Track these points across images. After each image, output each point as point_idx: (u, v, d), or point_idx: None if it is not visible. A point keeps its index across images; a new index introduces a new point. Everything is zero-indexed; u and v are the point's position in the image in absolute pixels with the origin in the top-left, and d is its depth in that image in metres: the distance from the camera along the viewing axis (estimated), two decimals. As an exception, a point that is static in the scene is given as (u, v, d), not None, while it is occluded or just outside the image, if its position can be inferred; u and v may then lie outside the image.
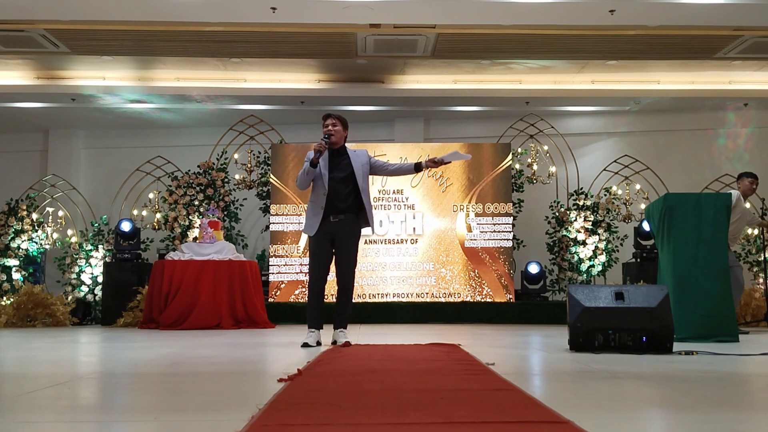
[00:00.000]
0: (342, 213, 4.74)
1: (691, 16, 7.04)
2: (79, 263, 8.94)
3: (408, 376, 3.17)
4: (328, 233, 4.74)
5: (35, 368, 3.72)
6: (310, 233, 4.78)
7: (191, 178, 9.18)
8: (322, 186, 4.74)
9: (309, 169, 4.69)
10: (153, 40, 7.75)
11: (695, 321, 5.22)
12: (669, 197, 5.57)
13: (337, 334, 4.82)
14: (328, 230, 4.73)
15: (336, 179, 4.76)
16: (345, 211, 4.75)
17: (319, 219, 4.71)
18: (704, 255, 5.32)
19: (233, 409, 2.34)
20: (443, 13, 7.05)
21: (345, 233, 4.77)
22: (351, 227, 4.80)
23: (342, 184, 4.76)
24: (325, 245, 4.77)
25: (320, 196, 4.74)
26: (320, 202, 4.73)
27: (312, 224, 4.75)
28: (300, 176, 4.77)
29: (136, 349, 4.92)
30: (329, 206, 4.72)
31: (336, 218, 4.73)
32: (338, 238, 4.77)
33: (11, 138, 10.82)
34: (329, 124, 4.86)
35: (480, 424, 2.00)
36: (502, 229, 8.96)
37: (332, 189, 4.73)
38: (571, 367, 3.61)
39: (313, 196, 4.82)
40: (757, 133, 10.25)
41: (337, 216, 4.73)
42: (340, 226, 4.74)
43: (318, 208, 4.73)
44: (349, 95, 9.39)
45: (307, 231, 4.81)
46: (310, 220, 4.79)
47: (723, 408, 2.47)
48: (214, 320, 7.08)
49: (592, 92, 9.41)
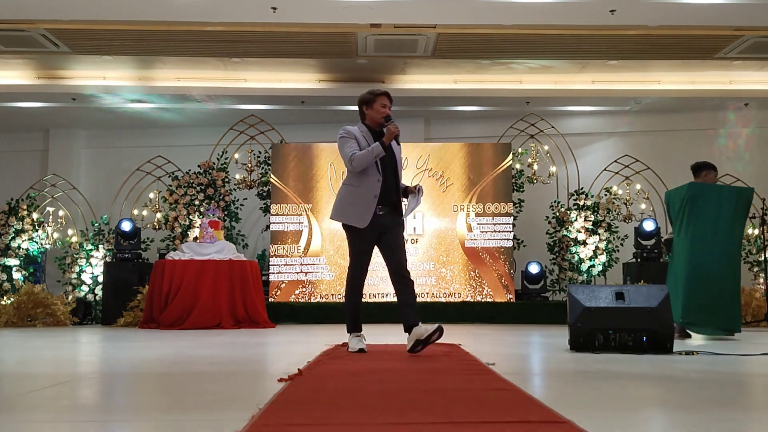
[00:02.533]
0: (389, 205, 4.25)
1: (691, 16, 7.04)
2: (80, 263, 8.94)
3: (408, 376, 3.17)
4: (377, 226, 4.19)
5: (35, 368, 3.72)
6: (360, 225, 4.16)
7: (192, 177, 9.18)
8: (376, 172, 4.18)
9: (380, 151, 4.11)
10: (153, 40, 7.75)
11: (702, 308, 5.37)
12: (693, 186, 5.77)
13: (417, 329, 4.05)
14: (377, 222, 4.18)
15: (388, 166, 4.25)
16: (393, 204, 4.28)
17: (371, 210, 4.15)
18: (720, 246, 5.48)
19: (233, 409, 2.34)
20: (443, 13, 7.05)
21: (393, 224, 4.26)
22: (397, 218, 4.30)
23: (392, 172, 4.27)
24: (371, 241, 4.25)
25: (374, 182, 4.17)
26: (373, 189, 4.16)
27: (361, 215, 4.16)
28: (365, 157, 4.12)
29: (137, 349, 4.93)
30: (382, 196, 4.19)
31: (383, 210, 4.21)
32: (389, 230, 4.25)
33: (11, 138, 10.82)
34: (388, 104, 4.28)
35: (480, 424, 2.00)
36: (503, 229, 8.96)
37: (386, 177, 4.21)
38: (572, 367, 3.61)
39: (357, 181, 4.21)
40: (757, 134, 10.24)
41: (384, 208, 4.22)
42: (388, 218, 4.24)
43: (371, 197, 4.16)
44: (349, 95, 9.37)
45: (356, 222, 4.18)
46: (356, 208, 4.18)
47: (723, 408, 2.47)
48: (214, 320, 7.08)
49: (592, 92, 9.41)
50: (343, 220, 4.26)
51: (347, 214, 4.22)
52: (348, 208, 4.22)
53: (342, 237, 9.19)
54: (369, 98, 4.29)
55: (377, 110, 4.24)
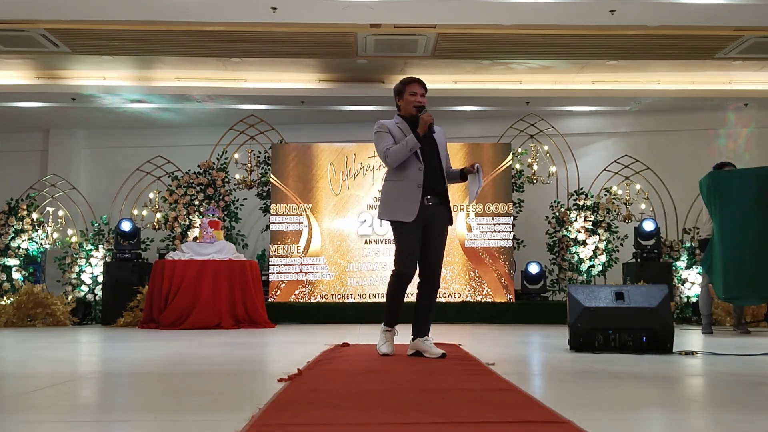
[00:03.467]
0: (437, 195, 3.96)
1: (691, 16, 7.04)
2: (80, 263, 8.94)
3: (408, 376, 3.17)
4: (423, 219, 3.91)
5: (35, 368, 3.72)
6: (406, 219, 3.89)
7: (191, 177, 9.18)
8: (417, 160, 3.92)
9: (415, 143, 3.87)
10: (153, 40, 7.75)
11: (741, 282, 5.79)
12: (712, 174, 6.20)
13: (422, 343, 3.94)
14: (422, 216, 3.90)
15: (429, 155, 3.97)
16: (439, 193, 3.97)
17: (417, 201, 3.87)
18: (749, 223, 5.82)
19: (233, 409, 2.34)
20: (443, 13, 7.05)
21: (439, 220, 3.97)
22: (444, 212, 3.98)
23: (434, 160, 3.98)
24: (418, 236, 3.94)
25: (415, 172, 3.90)
26: (416, 179, 3.89)
27: (408, 208, 3.88)
28: (399, 151, 3.90)
29: (136, 349, 4.93)
30: (426, 186, 3.91)
31: (431, 201, 3.93)
32: (434, 224, 3.95)
33: (11, 138, 10.81)
34: (419, 92, 4.02)
35: (480, 424, 2.00)
36: (503, 229, 8.96)
37: (427, 164, 3.93)
38: (572, 367, 3.61)
39: (400, 174, 3.96)
40: (757, 134, 10.24)
41: (432, 199, 3.94)
42: (434, 210, 3.94)
43: (413, 188, 3.89)
44: (349, 95, 9.39)
45: (401, 217, 3.91)
46: (402, 202, 3.91)
47: (723, 408, 2.47)
48: (214, 320, 7.08)
49: (592, 92, 9.40)
50: (391, 218, 3.98)
51: (395, 210, 3.95)
52: (394, 203, 3.96)
53: (342, 237, 9.24)
54: (400, 88, 4.09)
55: (407, 100, 4.03)
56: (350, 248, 8.91)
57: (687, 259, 8.89)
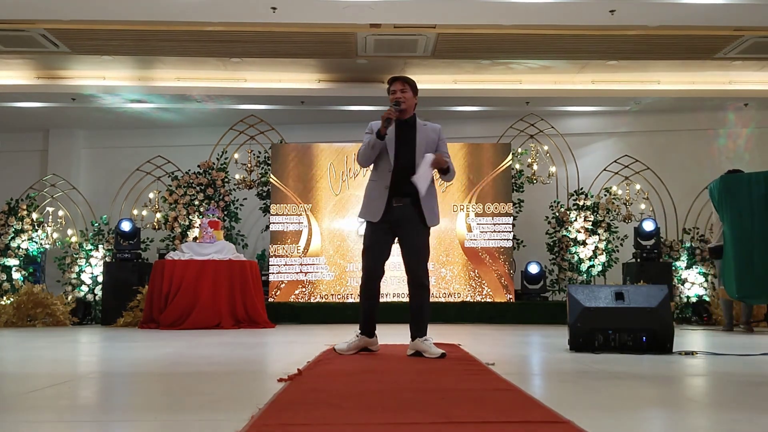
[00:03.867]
0: (408, 196, 3.94)
1: (691, 16, 7.04)
2: (79, 263, 8.94)
3: (408, 376, 3.17)
4: (390, 221, 3.96)
5: (35, 368, 3.72)
6: (372, 219, 3.98)
7: (191, 177, 9.18)
8: (387, 161, 3.97)
9: (375, 141, 3.93)
10: (153, 40, 7.75)
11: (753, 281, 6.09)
12: (723, 178, 6.54)
13: (422, 343, 3.93)
14: (389, 218, 3.95)
15: (403, 155, 3.98)
16: (411, 195, 3.94)
17: (383, 202, 3.94)
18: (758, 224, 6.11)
19: (233, 409, 2.34)
20: (443, 13, 7.05)
21: (412, 220, 3.97)
22: (415, 215, 3.98)
23: (408, 162, 3.97)
24: (384, 235, 4.00)
25: (385, 173, 3.97)
26: (384, 180, 3.96)
27: (374, 208, 3.97)
28: (364, 150, 3.99)
29: (136, 349, 4.92)
30: (394, 187, 3.94)
31: (400, 202, 3.95)
32: (403, 226, 3.97)
33: (11, 138, 10.81)
34: (397, 89, 4.07)
35: (480, 424, 2.00)
36: (502, 229, 8.96)
37: (399, 166, 3.96)
38: (571, 367, 3.61)
39: (375, 174, 4.04)
40: (757, 134, 10.24)
41: (402, 200, 3.95)
42: (405, 211, 3.95)
43: (381, 188, 3.96)
44: (349, 95, 9.38)
45: (367, 217, 4.01)
46: (371, 203, 4.00)
47: (723, 408, 2.47)
48: (214, 320, 7.08)
49: (592, 92, 9.40)
50: (360, 216, 4.11)
51: (365, 210, 4.05)
52: (367, 202, 4.04)
53: (341, 237, 9.24)
54: (387, 88, 4.18)
55: (390, 99, 4.11)
56: (350, 248, 8.91)
57: (687, 259, 8.89)
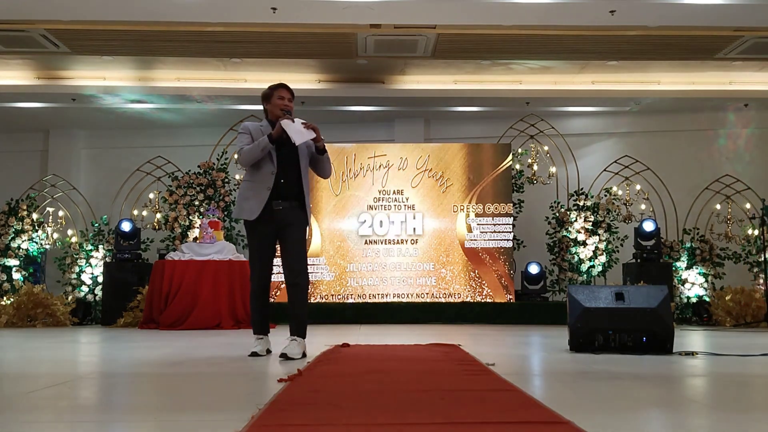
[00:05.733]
0: (288, 200, 4.12)
1: (691, 17, 7.04)
2: (80, 263, 8.94)
3: (408, 376, 3.17)
4: (272, 222, 4.09)
5: (35, 368, 3.72)
6: (248, 218, 4.07)
7: (191, 178, 9.18)
8: (271, 164, 4.06)
9: (266, 143, 4.00)
10: (153, 40, 7.75)
11: None
12: None
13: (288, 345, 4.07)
14: (271, 218, 4.07)
15: (285, 158, 4.11)
16: (292, 198, 4.14)
17: (262, 202, 4.03)
18: None
19: (233, 409, 2.34)
20: (443, 13, 7.04)
21: (293, 222, 4.13)
22: (298, 215, 4.16)
23: (290, 165, 4.13)
24: (268, 237, 4.14)
25: (267, 175, 4.05)
26: (266, 182, 4.05)
27: (251, 207, 4.05)
28: (252, 150, 4.03)
29: (136, 349, 4.93)
30: (276, 189, 4.06)
31: (281, 205, 4.09)
32: (285, 228, 4.11)
33: (11, 138, 10.81)
34: (286, 97, 4.21)
35: (480, 424, 2.00)
36: (503, 230, 8.96)
37: (281, 168, 4.09)
38: (572, 367, 3.61)
39: (254, 175, 4.11)
40: (757, 134, 10.24)
41: (282, 203, 4.10)
42: (286, 214, 4.11)
43: (263, 189, 4.04)
44: (349, 95, 9.38)
45: (245, 215, 4.09)
46: (247, 202, 4.08)
47: (723, 408, 2.47)
48: (214, 320, 7.08)
49: (592, 92, 9.40)
50: (237, 216, 4.21)
51: (242, 209, 4.13)
52: (243, 202, 4.14)
53: (341, 238, 9.24)
54: (268, 93, 4.27)
55: (275, 104, 4.20)
56: (350, 248, 8.91)
57: (687, 259, 8.89)
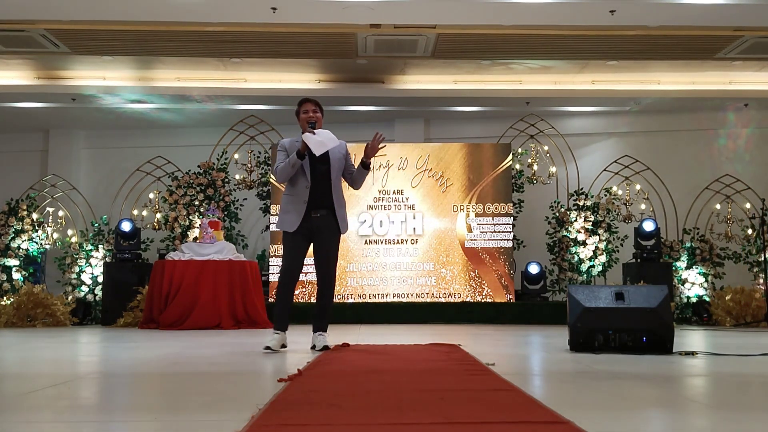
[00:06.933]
0: (323, 208, 4.47)
1: (691, 16, 7.04)
2: (80, 263, 8.94)
3: (408, 376, 3.17)
4: (308, 229, 4.46)
5: (35, 368, 3.72)
6: (289, 229, 4.45)
7: (191, 178, 9.18)
8: (305, 178, 4.43)
9: (296, 160, 4.36)
10: (153, 40, 7.75)
11: None
12: None
13: (316, 337, 4.54)
14: (308, 226, 4.44)
15: (318, 171, 4.46)
16: (326, 207, 4.48)
17: (301, 215, 4.41)
18: None
19: (233, 409, 2.34)
20: (443, 13, 7.05)
21: (326, 230, 4.50)
22: (331, 223, 4.51)
23: (323, 176, 4.48)
24: (302, 242, 4.50)
25: (302, 189, 4.43)
26: (303, 195, 4.42)
27: (291, 220, 4.44)
28: (284, 168, 4.41)
29: (136, 349, 4.93)
30: (312, 201, 4.42)
31: (317, 213, 4.45)
32: (319, 235, 4.49)
33: (11, 138, 10.81)
34: (310, 110, 4.52)
35: (480, 424, 2.00)
36: (503, 230, 8.96)
37: (315, 182, 4.44)
38: (572, 367, 3.61)
39: (292, 189, 4.50)
40: (757, 134, 10.24)
41: (318, 211, 4.45)
42: (321, 222, 4.46)
43: (300, 203, 4.42)
44: (349, 95, 9.38)
45: (286, 227, 4.47)
46: (288, 215, 4.47)
47: (723, 408, 2.47)
48: (214, 320, 7.08)
49: (592, 92, 9.40)
50: (278, 227, 4.56)
51: (283, 221, 4.49)
52: (284, 215, 4.50)
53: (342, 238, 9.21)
54: (297, 110, 4.60)
55: (301, 118, 4.53)
56: (350, 248, 8.91)
57: (687, 259, 8.89)
